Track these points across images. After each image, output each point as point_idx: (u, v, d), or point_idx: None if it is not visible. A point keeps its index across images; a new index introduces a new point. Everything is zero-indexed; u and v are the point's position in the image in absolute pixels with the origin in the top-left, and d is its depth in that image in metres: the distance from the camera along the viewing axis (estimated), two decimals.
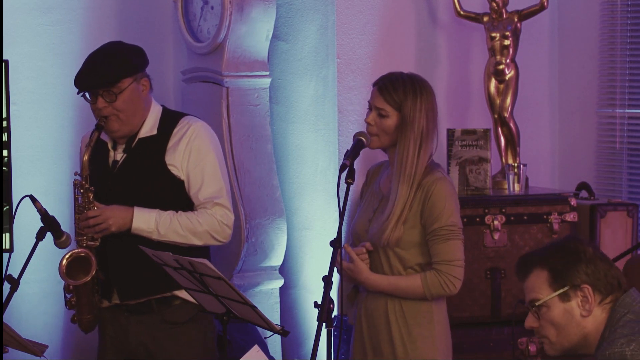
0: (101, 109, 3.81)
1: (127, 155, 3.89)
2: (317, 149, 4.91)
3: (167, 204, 3.85)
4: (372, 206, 3.80)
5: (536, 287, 2.79)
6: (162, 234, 3.81)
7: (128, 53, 3.87)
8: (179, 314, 3.86)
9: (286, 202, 4.91)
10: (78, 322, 3.90)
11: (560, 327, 2.77)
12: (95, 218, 3.77)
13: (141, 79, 3.87)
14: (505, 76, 4.85)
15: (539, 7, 4.80)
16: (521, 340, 4.52)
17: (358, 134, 3.71)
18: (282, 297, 4.92)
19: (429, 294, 3.67)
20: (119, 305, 3.90)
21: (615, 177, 5.16)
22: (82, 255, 3.78)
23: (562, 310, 2.76)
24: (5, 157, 4.26)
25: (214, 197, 3.86)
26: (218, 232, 3.86)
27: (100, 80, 3.78)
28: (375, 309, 3.75)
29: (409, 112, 3.66)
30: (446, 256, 3.66)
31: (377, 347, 3.76)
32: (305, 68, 4.94)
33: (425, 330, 3.72)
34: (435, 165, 3.78)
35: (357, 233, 3.81)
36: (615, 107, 5.16)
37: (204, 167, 3.87)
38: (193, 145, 3.87)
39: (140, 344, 3.90)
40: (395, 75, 3.73)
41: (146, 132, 3.90)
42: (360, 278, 3.72)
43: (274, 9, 4.77)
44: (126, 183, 3.87)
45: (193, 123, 3.92)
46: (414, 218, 3.68)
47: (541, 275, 2.78)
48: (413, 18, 5.00)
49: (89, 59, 3.86)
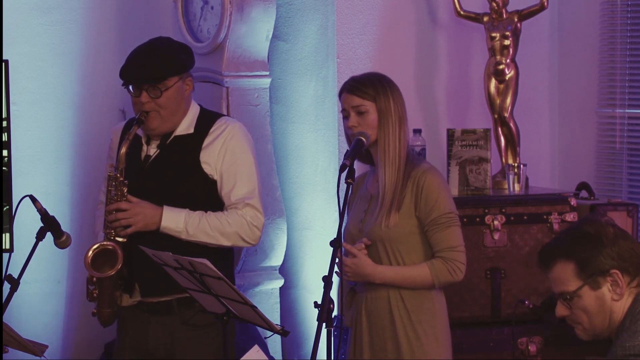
0: (144, 104, 3.78)
1: (161, 151, 3.86)
2: (317, 149, 4.91)
3: (197, 202, 3.82)
4: (362, 208, 3.82)
5: (564, 279, 2.76)
6: (191, 234, 3.79)
7: (178, 51, 3.85)
8: (200, 317, 3.81)
9: (286, 202, 4.91)
10: (98, 315, 3.87)
11: (593, 313, 2.75)
12: (124, 212, 3.76)
13: (186, 79, 3.86)
14: (505, 76, 4.85)
15: (539, 7, 4.81)
16: (521, 340, 4.52)
17: (358, 133, 3.72)
18: (282, 297, 4.92)
19: (438, 282, 3.70)
20: (140, 305, 3.88)
21: (615, 177, 5.16)
22: (109, 248, 3.75)
23: (594, 298, 2.74)
24: (5, 157, 4.26)
25: (245, 198, 3.84)
26: (247, 233, 3.83)
27: (148, 75, 3.76)
28: (378, 307, 3.75)
29: (383, 101, 3.74)
30: (449, 243, 3.70)
31: (379, 346, 3.76)
32: (305, 68, 4.94)
33: (429, 327, 3.73)
34: (419, 158, 3.82)
35: (350, 234, 3.82)
36: (615, 107, 5.16)
37: (238, 167, 3.85)
38: (229, 145, 3.85)
39: (159, 345, 3.88)
40: (356, 77, 3.83)
41: (183, 130, 3.87)
42: (366, 271, 3.72)
43: (274, 9, 4.77)
44: (158, 179, 3.84)
45: (230, 123, 3.91)
46: (408, 209, 3.70)
47: (567, 266, 2.75)
48: (413, 18, 5.01)
49: (138, 52, 3.83)
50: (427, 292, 3.74)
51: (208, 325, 3.84)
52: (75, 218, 4.86)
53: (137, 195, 3.80)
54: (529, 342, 4.52)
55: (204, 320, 3.82)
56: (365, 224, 3.76)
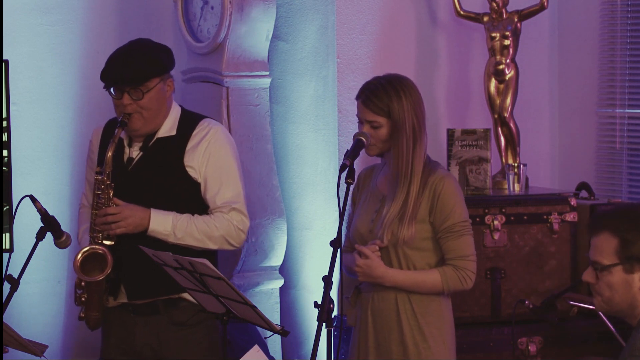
0: (126, 106, 3.78)
1: (144, 154, 3.86)
2: (317, 149, 4.91)
3: (181, 205, 3.83)
4: (373, 207, 3.80)
5: (603, 250, 2.79)
6: (179, 237, 3.79)
7: (159, 52, 3.86)
8: (186, 316, 3.84)
9: (286, 202, 4.91)
10: (86, 319, 3.88)
11: (616, 292, 2.78)
12: (114, 215, 3.76)
13: (167, 80, 3.86)
14: (505, 76, 4.85)
15: (539, 7, 4.81)
16: (521, 340, 4.52)
17: (358, 134, 3.71)
18: (282, 297, 4.92)
19: (447, 289, 3.70)
20: (125, 306, 3.89)
21: (615, 177, 5.16)
22: (99, 252, 3.76)
23: (623, 280, 2.77)
24: (5, 157, 4.26)
25: (231, 202, 3.84)
26: (233, 237, 3.84)
27: (130, 76, 3.76)
28: (385, 308, 3.75)
29: (398, 115, 3.68)
30: (461, 252, 3.70)
31: (384, 347, 3.76)
32: (305, 68, 4.94)
33: (435, 329, 3.73)
34: (435, 163, 3.80)
35: (360, 234, 3.80)
36: (615, 107, 5.16)
37: (223, 170, 3.85)
38: (212, 148, 3.85)
39: (146, 345, 3.88)
40: (374, 84, 3.74)
41: (165, 132, 3.87)
42: (377, 273, 3.71)
43: (274, 9, 4.77)
44: (141, 181, 3.84)
45: (213, 126, 3.91)
46: (423, 215, 3.70)
47: (611, 240, 2.77)
48: (413, 18, 5.01)
49: (118, 54, 3.83)
50: (435, 295, 3.74)
51: (194, 324, 3.85)
52: (75, 218, 4.85)
53: (120, 198, 3.79)
54: (529, 342, 4.52)
55: (190, 320, 3.84)
56: (376, 226, 3.75)
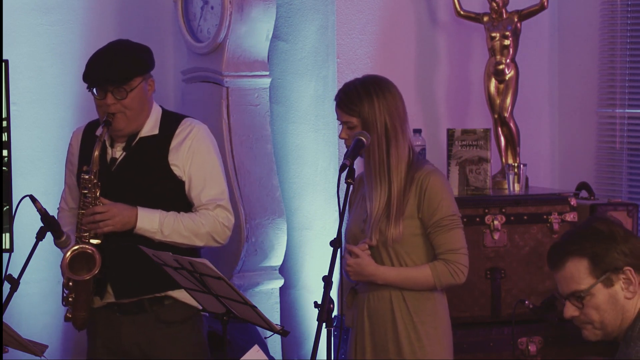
0: (109, 106, 3.79)
1: (127, 154, 3.87)
2: (317, 149, 4.91)
3: (166, 203, 3.84)
4: (364, 207, 3.81)
5: (576, 277, 2.72)
6: (166, 235, 3.80)
7: (141, 52, 3.87)
8: (173, 314, 3.85)
9: (286, 202, 4.91)
10: (72, 320, 3.88)
11: (605, 312, 2.72)
12: (101, 214, 3.76)
13: (149, 79, 3.88)
14: (505, 76, 4.85)
15: (539, 7, 4.81)
16: (521, 340, 4.52)
17: (358, 134, 3.71)
18: (282, 297, 4.92)
19: (439, 284, 3.70)
20: (111, 306, 3.89)
21: (615, 177, 5.16)
22: (88, 251, 3.76)
23: (607, 296, 2.71)
24: (5, 157, 4.26)
25: (216, 199, 3.86)
26: (219, 234, 3.86)
27: (114, 76, 3.77)
28: (380, 308, 3.75)
29: (367, 115, 3.68)
30: (451, 245, 3.70)
31: (381, 346, 3.76)
32: (305, 68, 4.94)
33: (431, 328, 3.73)
34: (423, 160, 3.82)
35: (353, 234, 3.82)
36: (615, 107, 5.16)
37: (207, 168, 3.87)
38: (196, 147, 3.87)
39: (133, 344, 3.89)
40: (348, 85, 3.75)
41: (147, 131, 3.89)
42: (368, 271, 3.72)
43: (274, 9, 4.77)
44: (124, 181, 3.85)
45: (195, 125, 3.93)
46: (411, 211, 3.70)
47: (580, 264, 2.72)
48: (413, 18, 5.01)
49: (100, 55, 3.84)
50: (429, 293, 3.74)
51: (182, 321, 3.87)
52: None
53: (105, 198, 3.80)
54: (529, 342, 4.52)
55: (177, 317, 3.85)
56: (367, 226, 3.76)
